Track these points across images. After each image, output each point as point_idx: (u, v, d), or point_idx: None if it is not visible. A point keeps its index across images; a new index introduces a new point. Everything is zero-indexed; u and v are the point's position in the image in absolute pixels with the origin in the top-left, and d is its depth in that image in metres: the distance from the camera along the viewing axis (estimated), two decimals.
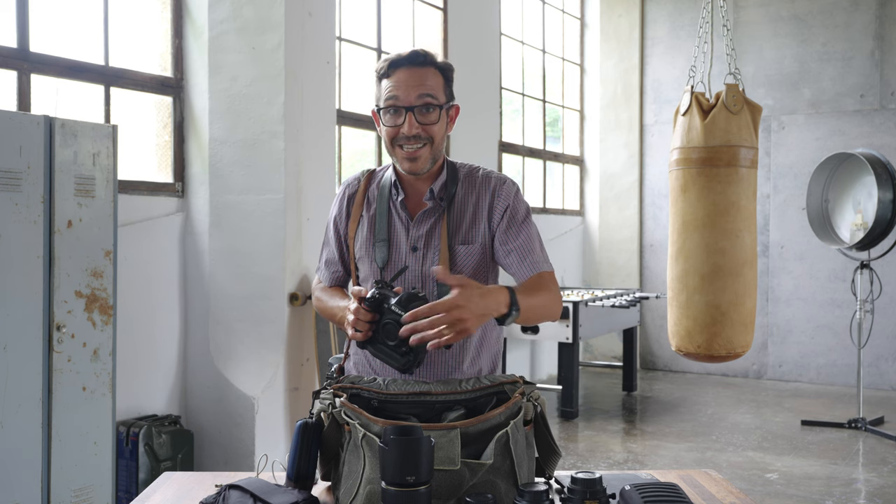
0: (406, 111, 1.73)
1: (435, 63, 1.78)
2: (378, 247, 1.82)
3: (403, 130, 1.73)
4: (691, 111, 3.32)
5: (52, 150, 2.79)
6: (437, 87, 1.77)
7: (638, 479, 1.58)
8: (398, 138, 1.75)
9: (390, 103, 1.75)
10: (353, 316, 1.62)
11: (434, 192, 1.82)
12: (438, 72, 1.78)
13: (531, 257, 1.82)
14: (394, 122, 1.75)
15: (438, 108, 1.76)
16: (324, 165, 4.39)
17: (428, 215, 1.82)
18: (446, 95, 1.80)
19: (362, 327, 1.62)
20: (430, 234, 1.81)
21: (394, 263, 1.81)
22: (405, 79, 1.74)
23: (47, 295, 2.78)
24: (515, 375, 1.58)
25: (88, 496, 2.92)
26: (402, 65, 1.75)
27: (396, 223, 1.83)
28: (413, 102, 1.73)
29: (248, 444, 3.92)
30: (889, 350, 6.67)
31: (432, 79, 1.76)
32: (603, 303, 5.96)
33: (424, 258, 1.79)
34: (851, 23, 6.86)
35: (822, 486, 4.20)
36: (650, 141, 7.83)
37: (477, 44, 6.15)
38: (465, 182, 1.85)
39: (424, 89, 1.74)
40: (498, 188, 1.84)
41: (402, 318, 1.51)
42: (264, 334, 4.03)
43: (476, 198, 1.83)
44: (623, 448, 5.02)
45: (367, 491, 1.34)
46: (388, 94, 1.75)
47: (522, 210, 1.85)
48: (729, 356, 3.33)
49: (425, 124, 1.74)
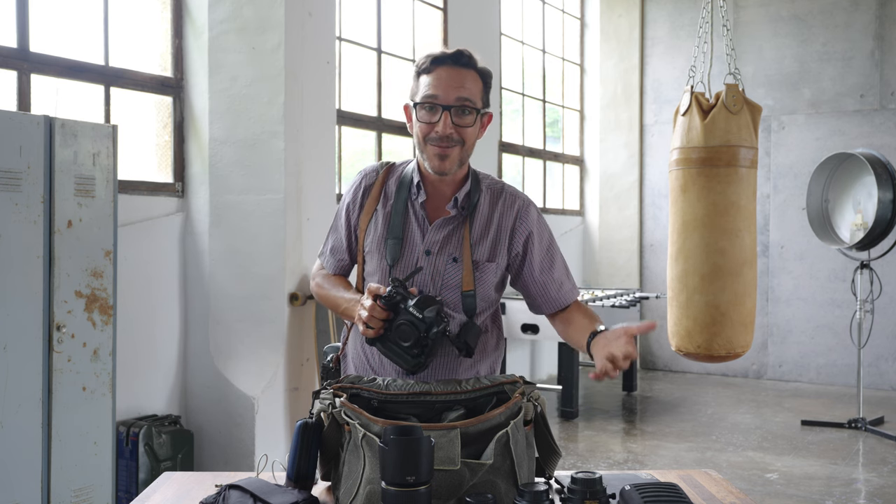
0: (443, 110, 1.71)
1: (477, 67, 1.77)
2: (390, 244, 1.79)
3: (437, 129, 1.71)
4: (691, 111, 3.32)
5: (52, 150, 2.79)
6: (476, 91, 1.76)
7: (638, 479, 1.58)
8: (430, 136, 1.73)
9: (428, 100, 1.72)
10: (368, 313, 1.60)
11: (458, 201, 1.80)
12: (479, 76, 1.78)
13: (566, 286, 1.88)
14: (429, 118, 1.73)
15: (475, 112, 1.75)
16: (324, 165, 4.39)
17: (448, 222, 1.80)
18: (483, 101, 1.79)
19: (376, 325, 1.61)
20: (448, 240, 1.79)
21: (405, 263, 1.79)
22: (446, 77, 1.73)
23: (47, 295, 2.78)
24: (515, 375, 1.58)
25: (88, 496, 2.92)
26: (445, 63, 1.74)
27: (413, 223, 1.81)
28: (451, 102, 1.72)
29: (248, 444, 3.92)
30: (889, 350, 6.67)
31: (472, 82, 1.75)
32: (603, 303, 5.96)
33: (437, 263, 1.78)
34: (851, 23, 6.86)
35: (822, 486, 4.20)
36: (650, 141, 7.83)
37: (477, 44, 6.12)
38: (487, 195, 1.84)
39: (464, 91, 1.73)
40: (522, 212, 1.84)
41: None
42: (264, 334, 4.03)
43: (500, 216, 1.83)
44: (623, 448, 5.02)
45: (368, 491, 1.34)
46: (426, 91, 1.73)
47: (547, 236, 1.88)
48: (729, 356, 3.33)
49: (460, 126, 1.73)
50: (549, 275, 1.86)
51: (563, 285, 1.88)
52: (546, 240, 1.87)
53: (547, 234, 1.88)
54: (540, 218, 1.87)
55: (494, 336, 1.89)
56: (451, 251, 1.78)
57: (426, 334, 1.58)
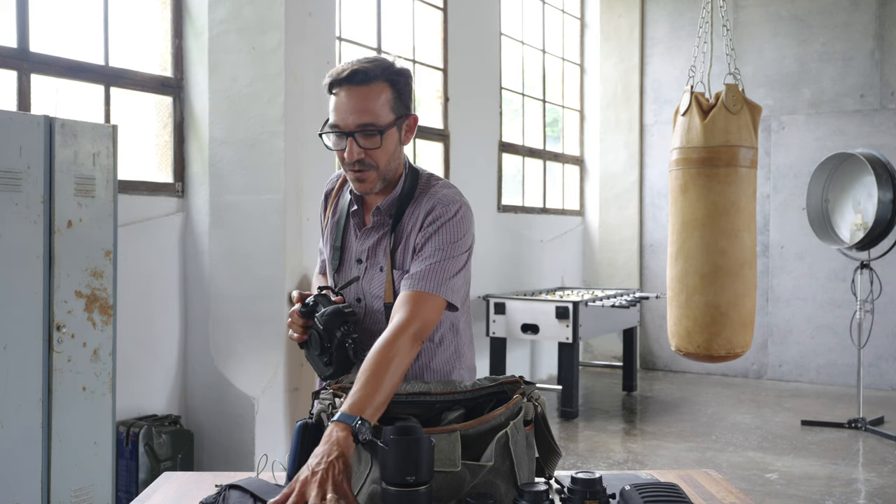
0: (347, 136, 1.63)
1: (381, 75, 1.63)
2: (332, 252, 1.83)
3: (345, 156, 1.65)
4: (691, 111, 3.32)
5: (52, 150, 2.79)
6: (383, 105, 1.63)
7: (638, 479, 1.58)
8: (345, 162, 1.67)
9: (332, 129, 1.65)
10: (290, 318, 1.71)
11: (381, 209, 1.74)
12: (387, 84, 1.64)
13: (427, 273, 1.63)
14: (338, 145, 1.66)
15: (379, 134, 1.63)
16: (324, 165, 4.39)
17: (374, 230, 1.77)
18: (395, 110, 1.66)
19: (297, 330, 1.71)
20: (374, 250, 1.76)
21: (346, 271, 1.81)
22: (345, 102, 1.63)
23: (47, 295, 2.78)
24: (515, 376, 1.58)
25: (88, 496, 2.92)
26: (342, 85, 1.63)
27: (350, 232, 1.82)
28: (352, 129, 1.62)
29: (248, 444, 3.91)
30: (889, 350, 6.67)
31: (376, 98, 1.63)
32: (603, 303, 5.96)
33: (367, 272, 1.77)
34: (851, 23, 6.86)
35: (822, 486, 4.20)
36: (650, 141, 7.83)
37: (477, 44, 6.15)
38: (418, 199, 1.73)
39: (364, 116, 1.61)
40: (433, 211, 1.69)
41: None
42: (264, 334, 4.03)
43: (415, 219, 1.71)
44: (623, 448, 5.02)
45: (370, 491, 1.34)
46: (331, 118, 1.65)
47: (451, 237, 1.67)
48: (728, 356, 3.33)
49: (368, 149, 1.64)
50: (419, 256, 1.68)
51: (416, 276, 1.65)
52: (443, 238, 1.67)
53: (448, 235, 1.67)
54: (452, 222, 1.68)
55: (450, 348, 1.80)
56: (379, 261, 1.75)
57: (329, 345, 1.66)
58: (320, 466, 1.28)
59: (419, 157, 5.70)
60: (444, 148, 5.81)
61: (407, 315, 1.57)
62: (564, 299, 5.75)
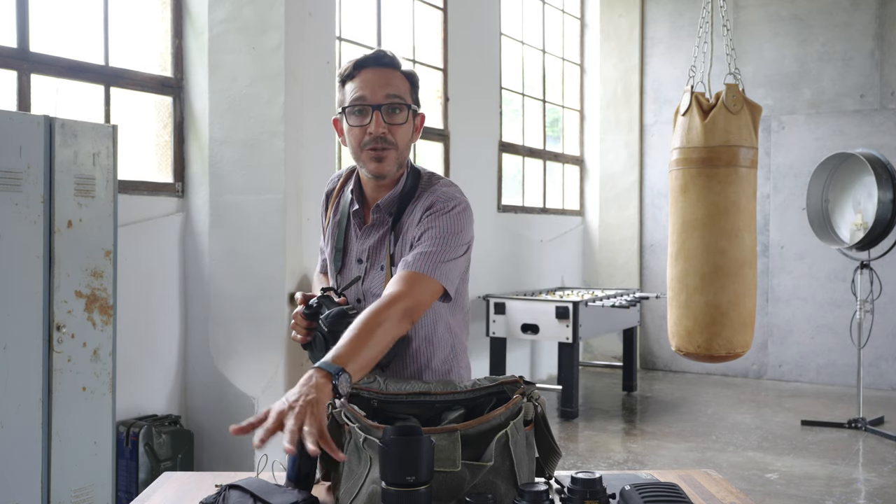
0: (373, 110, 1.67)
1: (401, 68, 1.74)
2: (334, 253, 1.82)
3: (370, 130, 1.67)
4: (691, 111, 3.32)
5: (52, 150, 2.79)
6: (405, 89, 1.72)
7: (638, 479, 1.58)
8: (364, 141, 1.69)
9: (357, 102, 1.68)
10: (294, 320, 1.70)
11: (381, 207, 1.74)
12: (405, 77, 1.74)
13: (414, 258, 1.62)
14: (360, 122, 1.69)
15: (406, 109, 1.71)
16: (324, 165, 4.39)
17: (375, 229, 1.76)
18: (413, 100, 1.74)
19: (301, 332, 1.70)
20: (375, 249, 1.76)
21: (347, 272, 1.80)
22: (372, 78, 1.69)
23: (47, 295, 2.78)
24: (515, 376, 1.58)
25: (88, 496, 2.92)
26: (369, 65, 1.70)
27: (351, 232, 1.81)
28: (381, 101, 1.67)
29: (248, 444, 3.91)
30: (889, 350, 6.67)
31: (399, 81, 1.72)
32: (603, 303, 5.96)
33: (368, 272, 1.76)
34: (851, 23, 6.86)
35: (822, 486, 4.20)
36: (650, 141, 7.83)
37: (477, 44, 6.15)
38: (419, 197, 1.74)
39: (392, 89, 1.69)
40: (432, 206, 1.69)
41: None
42: (264, 334, 4.03)
43: (414, 216, 1.72)
44: (623, 448, 5.02)
45: (370, 491, 1.34)
46: (354, 95, 1.69)
47: (449, 229, 1.66)
48: (729, 356, 3.33)
49: (392, 124, 1.68)
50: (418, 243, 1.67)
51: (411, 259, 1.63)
52: (441, 229, 1.66)
53: (446, 227, 1.67)
54: (449, 216, 1.68)
55: (447, 348, 1.79)
56: (380, 260, 1.75)
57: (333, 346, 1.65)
58: (298, 402, 1.31)
59: (419, 157, 5.70)
60: (444, 148, 5.81)
61: (400, 290, 1.56)
62: (564, 299, 5.75)
